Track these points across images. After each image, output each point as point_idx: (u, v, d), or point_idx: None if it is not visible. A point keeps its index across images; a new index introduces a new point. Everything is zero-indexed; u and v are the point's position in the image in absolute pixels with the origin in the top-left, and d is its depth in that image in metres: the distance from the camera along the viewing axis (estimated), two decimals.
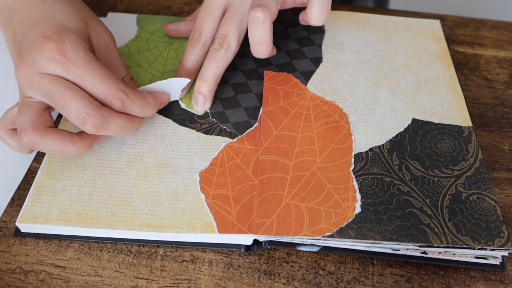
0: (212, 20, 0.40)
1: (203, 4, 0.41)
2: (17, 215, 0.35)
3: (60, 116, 0.42)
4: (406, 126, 0.39)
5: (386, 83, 0.42)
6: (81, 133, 0.35)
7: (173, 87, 0.39)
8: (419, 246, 0.32)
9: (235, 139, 0.38)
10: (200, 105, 0.40)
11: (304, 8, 0.39)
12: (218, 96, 0.41)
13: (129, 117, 0.36)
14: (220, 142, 0.38)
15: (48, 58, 0.33)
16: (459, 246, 0.32)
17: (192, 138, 0.38)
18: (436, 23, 0.49)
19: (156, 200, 0.35)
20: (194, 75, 0.41)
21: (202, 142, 0.38)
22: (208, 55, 0.39)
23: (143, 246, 0.34)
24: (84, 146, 0.35)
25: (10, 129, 0.36)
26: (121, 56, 0.40)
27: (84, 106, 0.33)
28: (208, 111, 0.40)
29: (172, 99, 0.41)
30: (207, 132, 0.39)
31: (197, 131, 0.39)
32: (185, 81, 0.39)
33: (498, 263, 0.33)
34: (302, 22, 0.42)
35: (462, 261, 0.33)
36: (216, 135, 0.38)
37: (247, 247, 0.34)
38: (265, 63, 0.44)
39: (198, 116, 0.40)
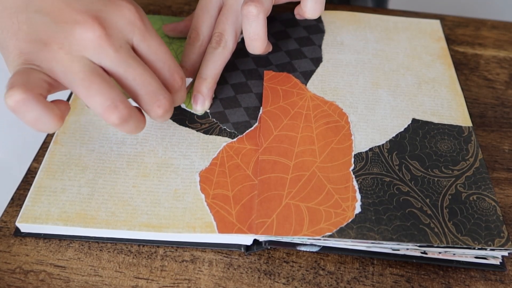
0: (208, 18, 0.40)
1: (199, 3, 0.41)
2: (17, 215, 0.35)
3: None
4: (406, 126, 0.39)
5: (386, 83, 0.42)
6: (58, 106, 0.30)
7: None
8: (419, 246, 0.32)
9: (235, 139, 0.38)
10: (200, 104, 0.40)
11: (299, 2, 0.39)
12: (218, 96, 0.41)
13: (142, 119, 0.33)
14: (220, 142, 0.38)
15: (129, 22, 0.30)
16: (459, 246, 0.32)
17: (192, 138, 0.38)
18: (436, 23, 0.49)
19: (156, 200, 0.35)
20: (194, 75, 0.41)
21: (202, 142, 0.38)
22: (206, 54, 0.39)
23: (143, 246, 0.34)
24: (59, 121, 0.29)
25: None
26: None
27: (161, 89, 0.31)
28: (208, 111, 0.40)
29: None
30: (207, 132, 0.39)
31: (197, 131, 0.39)
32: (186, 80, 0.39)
33: (498, 263, 0.33)
34: (297, 17, 0.42)
35: (462, 261, 0.33)
36: (216, 135, 0.38)
37: (247, 247, 0.34)
38: (265, 63, 0.44)
39: (198, 116, 0.40)
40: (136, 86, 0.30)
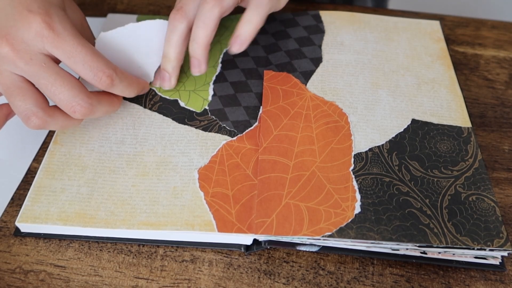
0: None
1: None
2: (17, 215, 0.35)
3: None
4: (405, 126, 0.39)
5: (386, 84, 0.42)
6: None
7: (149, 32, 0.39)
8: (419, 246, 0.32)
9: (234, 138, 0.38)
10: (196, 67, 0.39)
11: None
12: (217, 93, 0.41)
13: (112, 103, 0.36)
14: (219, 140, 0.38)
15: (36, 34, 0.31)
16: (458, 246, 0.32)
17: (191, 135, 0.38)
18: (436, 24, 0.49)
19: (155, 198, 0.35)
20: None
21: (201, 139, 0.38)
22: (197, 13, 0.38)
23: (143, 246, 0.34)
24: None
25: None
26: (94, 36, 0.40)
27: (75, 96, 0.33)
28: (207, 107, 0.40)
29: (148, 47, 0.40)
30: (206, 129, 0.39)
31: (196, 128, 0.39)
32: (162, 23, 0.39)
33: (498, 263, 0.33)
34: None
35: (462, 261, 0.33)
36: (215, 132, 0.38)
37: (247, 247, 0.34)
38: (265, 63, 0.44)
39: (197, 113, 0.40)
40: (49, 95, 0.33)
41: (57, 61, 0.34)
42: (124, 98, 0.41)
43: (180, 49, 0.39)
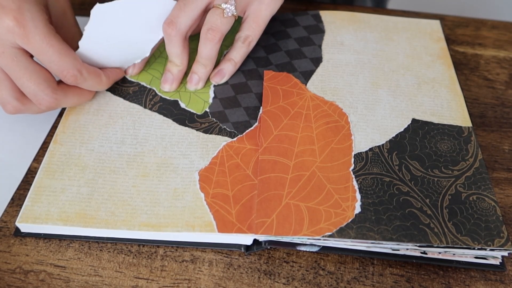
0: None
1: None
2: (17, 215, 0.35)
3: (60, 116, 0.42)
4: (406, 126, 0.39)
5: (386, 83, 0.42)
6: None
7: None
8: (419, 246, 0.32)
9: (235, 139, 0.38)
10: (194, 83, 0.42)
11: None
12: (218, 96, 0.41)
13: (81, 95, 0.39)
14: (219, 141, 0.38)
15: (7, 30, 0.33)
16: (459, 246, 0.32)
17: (192, 137, 0.38)
18: (436, 23, 0.49)
19: (156, 199, 0.35)
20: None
21: (202, 141, 0.38)
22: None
23: (143, 246, 0.34)
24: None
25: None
26: (77, 23, 0.40)
27: (40, 90, 0.35)
28: (208, 110, 0.40)
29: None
30: (206, 131, 0.39)
31: (197, 130, 0.39)
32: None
33: (498, 263, 0.33)
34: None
35: (462, 261, 0.33)
36: (216, 134, 0.38)
37: (247, 247, 0.34)
38: (265, 63, 0.44)
39: (197, 116, 0.40)
40: (19, 86, 0.35)
41: (31, 54, 0.36)
42: (124, 98, 0.41)
43: (184, 56, 0.41)
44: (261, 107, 0.40)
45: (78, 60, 0.36)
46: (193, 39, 0.47)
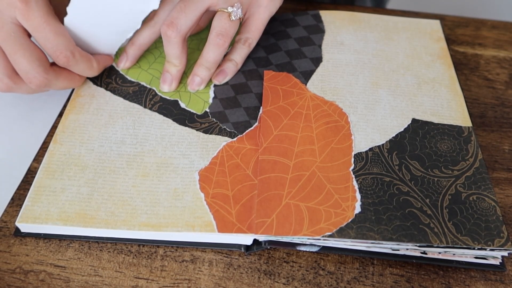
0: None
1: None
2: (17, 215, 0.35)
3: (60, 115, 0.42)
4: (406, 126, 0.39)
5: (386, 83, 0.42)
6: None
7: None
8: (419, 246, 0.32)
9: (235, 139, 0.38)
10: (197, 84, 0.42)
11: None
12: (218, 96, 0.41)
13: (71, 78, 0.39)
14: (220, 142, 0.38)
15: (10, 4, 0.34)
16: (459, 246, 0.32)
17: (192, 137, 0.38)
18: (436, 23, 0.49)
19: (156, 199, 0.35)
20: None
21: (202, 141, 0.38)
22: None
23: (143, 246, 0.34)
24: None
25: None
26: None
27: (32, 69, 0.36)
28: (208, 110, 0.40)
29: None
30: (206, 131, 0.39)
31: (197, 130, 0.39)
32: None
33: (498, 263, 0.33)
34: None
35: (462, 261, 0.33)
36: (216, 134, 0.38)
37: (247, 247, 0.34)
38: (265, 63, 0.44)
39: (197, 116, 0.40)
40: (12, 62, 0.36)
41: (29, 34, 0.36)
42: (124, 98, 0.41)
43: (183, 57, 0.41)
44: (261, 107, 0.40)
45: (72, 43, 0.37)
46: (192, 39, 0.47)
